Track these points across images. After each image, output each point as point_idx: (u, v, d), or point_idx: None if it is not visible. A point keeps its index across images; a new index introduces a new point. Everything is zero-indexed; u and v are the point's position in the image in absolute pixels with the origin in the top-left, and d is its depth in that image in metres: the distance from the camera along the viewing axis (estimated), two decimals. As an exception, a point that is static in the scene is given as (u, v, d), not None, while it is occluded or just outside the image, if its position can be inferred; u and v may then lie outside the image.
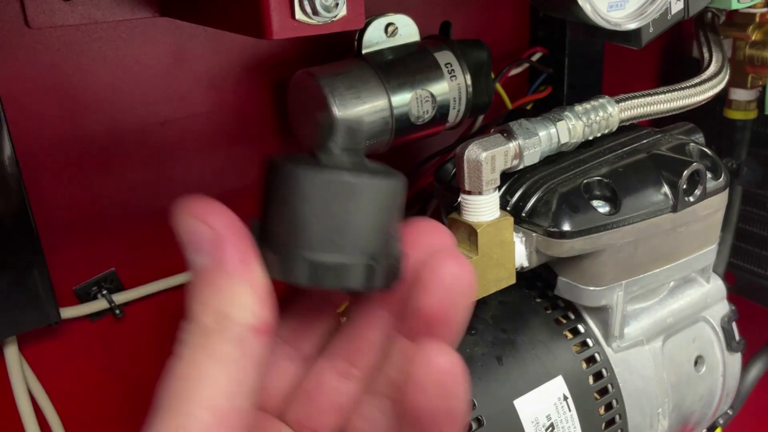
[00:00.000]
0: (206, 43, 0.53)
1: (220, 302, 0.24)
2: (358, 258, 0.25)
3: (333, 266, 0.25)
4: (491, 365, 0.47)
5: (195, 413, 0.23)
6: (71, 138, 0.49)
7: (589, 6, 0.46)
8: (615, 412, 0.50)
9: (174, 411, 0.23)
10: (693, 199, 0.49)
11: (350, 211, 0.25)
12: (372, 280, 0.26)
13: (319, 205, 0.25)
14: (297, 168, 0.25)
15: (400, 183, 0.27)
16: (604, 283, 0.49)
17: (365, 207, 0.25)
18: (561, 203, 0.46)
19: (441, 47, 0.55)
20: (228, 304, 0.24)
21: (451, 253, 0.27)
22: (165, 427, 0.23)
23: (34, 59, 0.47)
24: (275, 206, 0.26)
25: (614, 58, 0.70)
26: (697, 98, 0.53)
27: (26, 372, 0.50)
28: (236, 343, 0.23)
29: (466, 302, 0.27)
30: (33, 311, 0.46)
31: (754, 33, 0.64)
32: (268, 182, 0.26)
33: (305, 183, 0.25)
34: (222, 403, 0.23)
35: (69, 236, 0.51)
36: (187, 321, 0.24)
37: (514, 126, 0.46)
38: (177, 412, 0.23)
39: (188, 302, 0.24)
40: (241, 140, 0.57)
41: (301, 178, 0.25)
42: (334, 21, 0.35)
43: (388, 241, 0.26)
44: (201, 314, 0.24)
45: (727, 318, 0.58)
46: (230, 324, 0.23)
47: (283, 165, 0.25)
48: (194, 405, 0.23)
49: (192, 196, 0.25)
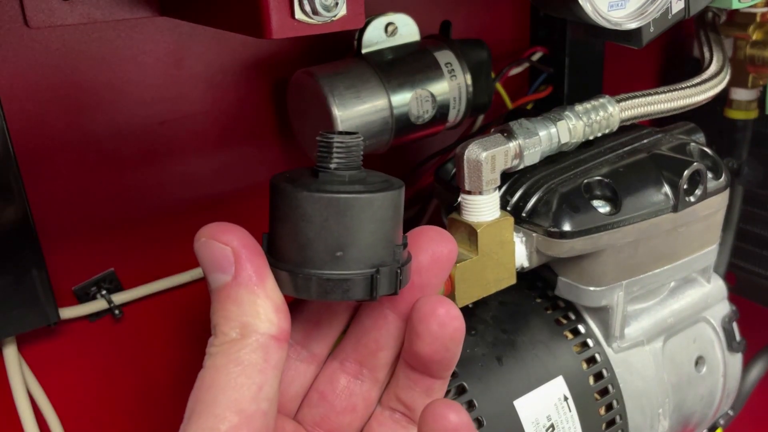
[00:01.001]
0: (206, 42, 0.52)
1: (243, 314, 0.26)
2: (361, 270, 0.27)
3: (338, 280, 0.27)
4: (491, 365, 0.47)
5: (224, 416, 0.25)
6: (71, 138, 0.49)
7: (589, 5, 0.46)
8: (615, 412, 0.50)
9: (205, 415, 0.25)
10: (694, 199, 0.49)
11: (350, 226, 0.27)
12: (377, 290, 0.27)
13: (319, 222, 0.26)
14: (295, 188, 0.27)
15: (398, 192, 0.28)
16: (605, 283, 0.49)
17: (364, 221, 0.27)
18: (561, 203, 0.46)
19: (441, 47, 0.55)
20: (250, 316, 0.26)
21: (439, 300, 0.29)
22: (197, 428, 0.25)
23: (33, 59, 0.46)
24: (280, 224, 0.27)
25: (614, 58, 0.70)
26: (697, 98, 0.53)
27: (25, 372, 0.50)
28: (259, 351, 0.26)
29: (456, 345, 0.29)
30: (32, 311, 0.46)
31: (755, 33, 0.64)
32: (273, 201, 0.28)
33: (304, 203, 0.26)
34: (248, 407, 0.25)
35: (68, 236, 0.51)
36: (212, 335, 0.26)
37: (514, 126, 0.46)
38: (207, 416, 0.25)
39: (212, 318, 0.26)
40: (241, 140, 0.57)
41: (299, 198, 0.27)
42: (333, 20, 0.34)
43: (392, 249, 0.28)
44: (225, 326, 0.26)
45: (727, 318, 0.58)
46: (253, 333, 0.26)
47: (283, 185, 0.27)
48: (223, 408, 0.25)
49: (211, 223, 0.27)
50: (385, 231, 0.27)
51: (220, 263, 0.26)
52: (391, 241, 0.28)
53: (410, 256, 0.29)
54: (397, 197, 0.28)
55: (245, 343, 0.25)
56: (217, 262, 0.26)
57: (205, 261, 0.27)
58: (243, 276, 0.26)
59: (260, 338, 0.26)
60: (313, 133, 0.53)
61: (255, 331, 0.26)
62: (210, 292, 0.27)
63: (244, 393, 0.25)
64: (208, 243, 0.26)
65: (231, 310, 0.26)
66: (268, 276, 0.26)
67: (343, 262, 0.27)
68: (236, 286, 0.26)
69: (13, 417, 0.49)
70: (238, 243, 0.26)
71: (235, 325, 0.26)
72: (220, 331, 0.26)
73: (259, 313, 0.26)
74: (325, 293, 0.27)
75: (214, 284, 0.26)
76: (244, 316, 0.26)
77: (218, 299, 0.26)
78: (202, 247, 0.27)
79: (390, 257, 0.27)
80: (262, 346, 0.26)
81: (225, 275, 0.26)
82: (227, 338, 0.26)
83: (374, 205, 0.27)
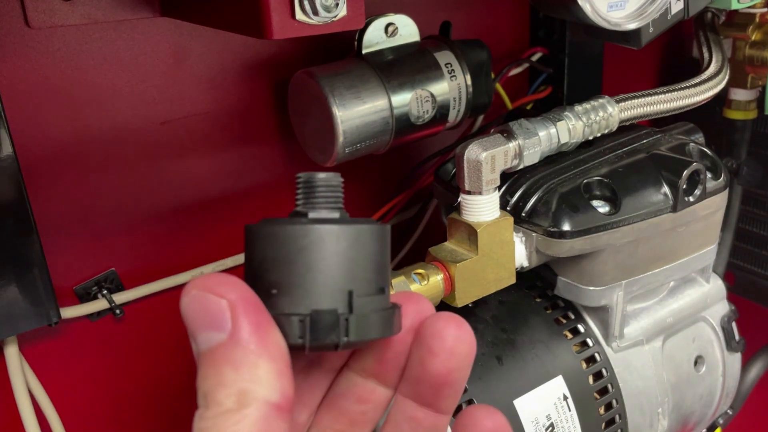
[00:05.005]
0: (206, 42, 0.53)
1: (240, 379, 0.22)
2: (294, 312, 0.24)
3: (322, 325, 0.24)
4: (491, 365, 0.47)
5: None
6: (71, 138, 0.49)
7: (589, 6, 0.46)
8: (615, 411, 0.50)
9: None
10: (693, 199, 0.49)
11: (284, 261, 0.24)
12: (309, 335, 0.24)
13: (258, 257, 0.24)
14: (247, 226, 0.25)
15: (375, 230, 0.25)
16: (604, 283, 0.49)
17: (297, 256, 0.24)
18: (561, 203, 0.46)
19: (441, 47, 0.55)
20: (249, 381, 0.22)
21: (451, 317, 0.27)
22: None
23: (34, 59, 0.47)
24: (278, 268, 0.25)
25: (614, 58, 0.70)
26: (696, 98, 0.54)
27: (26, 372, 0.50)
28: (260, 423, 0.22)
29: (470, 363, 0.27)
30: (33, 311, 0.46)
31: (754, 33, 0.64)
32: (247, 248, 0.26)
33: (246, 235, 0.25)
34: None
35: (69, 236, 0.51)
36: (201, 406, 0.22)
37: (514, 126, 0.46)
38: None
39: (200, 385, 0.23)
40: (241, 140, 0.57)
41: (246, 232, 0.25)
42: (334, 21, 0.35)
43: (343, 295, 0.25)
44: (220, 394, 0.22)
45: (726, 318, 0.58)
46: (253, 401, 0.22)
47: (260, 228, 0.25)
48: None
49: (200, 275, 0.24)
50: (331, 271, 0.24)
51: (215, 319, 0.22)
52: (341, 286, 0.24)
53: (392, 316, 0.26)
54: (377, 233, 0.25)
55: (244, 413, 0.22)
56: (211, 318, 0.22)
57: (194, 317, 0.23)
58: (242, 334, 0.22)
59: (262, 408, 0.22)
60: (313, 133, 0.53)
61: (255, 399, 0.22)
62: (197, 356, 0.23)
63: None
64: (201, 296, 0.23)
65: (227, 375, 0.22)
66: (270, 333, 0.23)
67: (275, 301, 0.24)
68: (234, 345, 0.22)
69: (14, 416, 0.49)
70: (235, 295, 0.23)
71: (231, 392, 0.22)
72: (213, 400, 0.22)
73: (260, 377, 0.22)
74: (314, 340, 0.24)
75: (205, 345, 0.23)
76: (243, 382, 0.22)
77: (211, 363, 0.22)
78: (193, 301, 0.23)
79: (340, 303, 0.24)
80: (263, 417, 0.22)
81: (220, 333, 0.22)
82: (222, 408, 0.22)
83: (309, 238, 0.24)
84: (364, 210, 0.62)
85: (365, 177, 0.63)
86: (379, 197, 0.63)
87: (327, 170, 0.28)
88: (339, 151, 0.50)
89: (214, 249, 0.58)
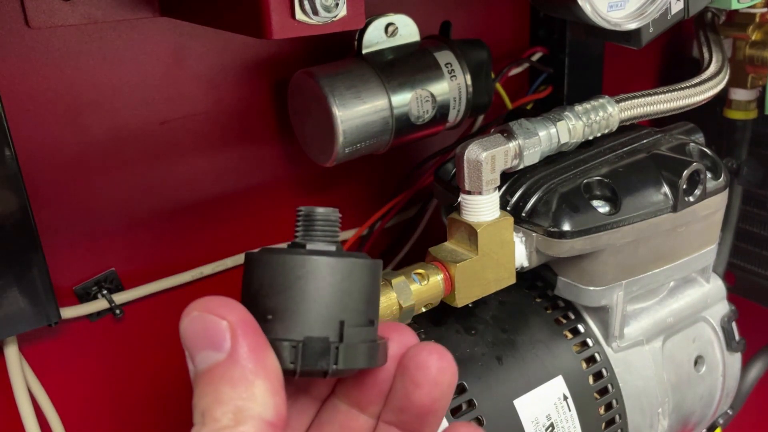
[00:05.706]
0: (206, 42, 0.53)
1: (237, 397, 0.23)
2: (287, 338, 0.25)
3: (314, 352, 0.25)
4: (491, 365, 0.47)
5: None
6: (71, 138, 0.49)
7: (589, 6, 0.46)
8: (615, 412, 0.50)
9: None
10: (693, 199, 0.49)
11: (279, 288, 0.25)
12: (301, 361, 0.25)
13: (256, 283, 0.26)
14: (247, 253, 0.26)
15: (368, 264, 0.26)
16: (604, 283, 0.49)
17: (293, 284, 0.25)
18: (561, 203, 0.46)
19: (441, 47, 0.55)
20: (245, 399, 0.23)
21: (434, 347, 0.28)
22: None
23: (34, 59, 0.47)
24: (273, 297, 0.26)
25: (614, 58, 0.70)
26: (697, 98, 0.53)
27: (26, 372, 0.50)
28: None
29: (451, 391, 0.28)
30: (33, 311, 0.46)
31: (754, 33, 0.64)
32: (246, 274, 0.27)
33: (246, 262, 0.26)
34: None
35: (69, 236, 0.51)
36: (198, 423, 0.23)
37: (514, 126, 0.46)
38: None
39: (197, 403, 0.24)
40: (241, 140, 0.57)
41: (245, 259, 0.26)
42: (334, 21, 0.35)
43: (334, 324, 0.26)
44: (217, 411, 0.23)
45: (727, 318, 0.58)
46: (248, 419, 0.23)
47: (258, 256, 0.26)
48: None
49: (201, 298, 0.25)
50: (325, 300, 0.25)
51: (215, 339, 0.24)
52: (334, 316, 0.26)
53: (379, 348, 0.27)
54: (367, 268, 0.26)
55: (240, 430, 0.23)
56: (211, 338, 0.24)
57: (194, 337, 0.24)
58: (240, 353, 0.23)
59: (256, 424, 0.23)
60: (313, 133, 0.53)
61: (251, 416, 0.23)
62: (194, 376, 0.24)
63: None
64: (202, 317, 0.24)
65: (224, 393, 0.23)
66: (267, 355, 0.24)
67: (270, 326, 0.25)
68: (232, 364, 0.23)
69: (14, 416, 0.49)
70: (235, 318, 0.24)
71: (228, 409, 0.23)
72: (210, 417, 0.23)
73: (256, 395, 0.23)
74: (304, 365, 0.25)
75: (204, 364, 0.24)
76: (239, 399, 0.23)
77: (209, 381, 0.24)
78: (193, 321, 0.24)
79: (332, 332, 0.26)
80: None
81: (219, 353, 0.24)
82: (218, 425, 0.23)
83: (305, 268, 0.25)
84: (364, 210, 0.62)
85: (365, 177, 0.63)
86: (379, 197, 0.63)
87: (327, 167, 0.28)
88: (339, 150, 0.50)
89: (213, 249, 0.58)
